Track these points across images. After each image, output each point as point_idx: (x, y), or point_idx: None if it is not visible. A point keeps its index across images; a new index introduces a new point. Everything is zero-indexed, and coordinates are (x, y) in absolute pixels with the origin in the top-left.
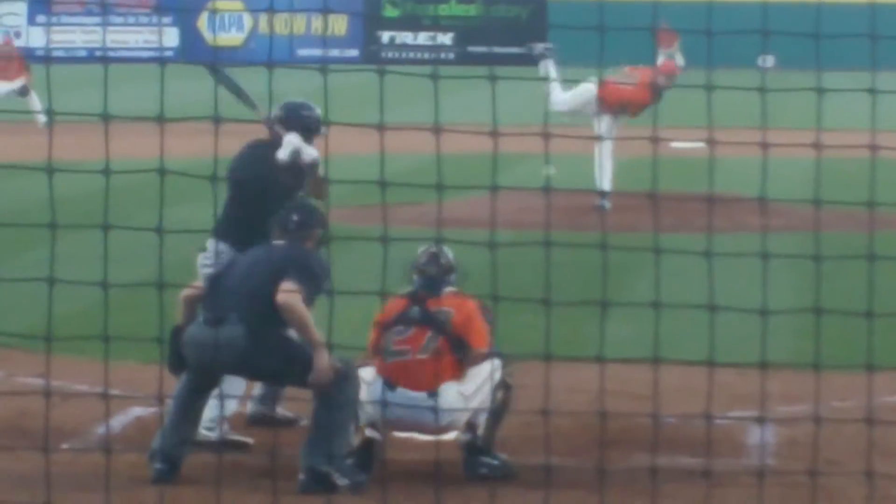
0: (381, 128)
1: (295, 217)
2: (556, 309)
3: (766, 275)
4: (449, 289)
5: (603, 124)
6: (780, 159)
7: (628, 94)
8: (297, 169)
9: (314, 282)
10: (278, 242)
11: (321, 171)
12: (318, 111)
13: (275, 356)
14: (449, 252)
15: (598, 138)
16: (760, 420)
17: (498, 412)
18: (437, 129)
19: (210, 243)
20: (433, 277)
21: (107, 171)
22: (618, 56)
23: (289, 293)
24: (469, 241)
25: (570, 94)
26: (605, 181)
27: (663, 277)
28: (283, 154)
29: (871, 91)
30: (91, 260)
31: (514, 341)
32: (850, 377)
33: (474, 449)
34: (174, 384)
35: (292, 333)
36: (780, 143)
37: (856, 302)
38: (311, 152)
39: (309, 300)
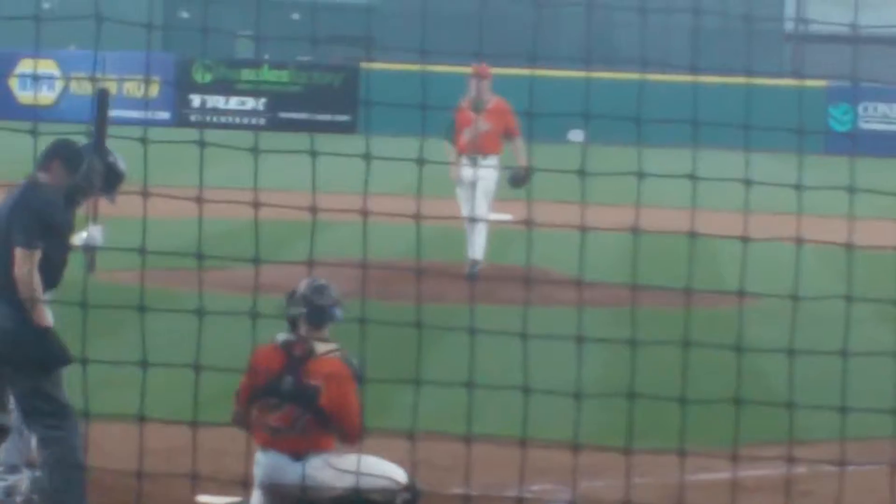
0: (199, 200)
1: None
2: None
3: (580, 350)
4: (329, 347)
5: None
6: (596, 235)
7: None
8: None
9: (36, 224)
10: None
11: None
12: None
13: (34, 346)
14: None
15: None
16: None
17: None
18: (256, 204)
19: None
20: (320, 308)
21: None
22: (437, 127)
23: (17, 258)
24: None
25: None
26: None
27: (475, 349)
28: (78, 240)
29: (692, 177)
30: None
31: None
32: (656, 455)
33: None
34: None
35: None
36: (596, 227)
37: (668, 381)
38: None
39: (31, 247)
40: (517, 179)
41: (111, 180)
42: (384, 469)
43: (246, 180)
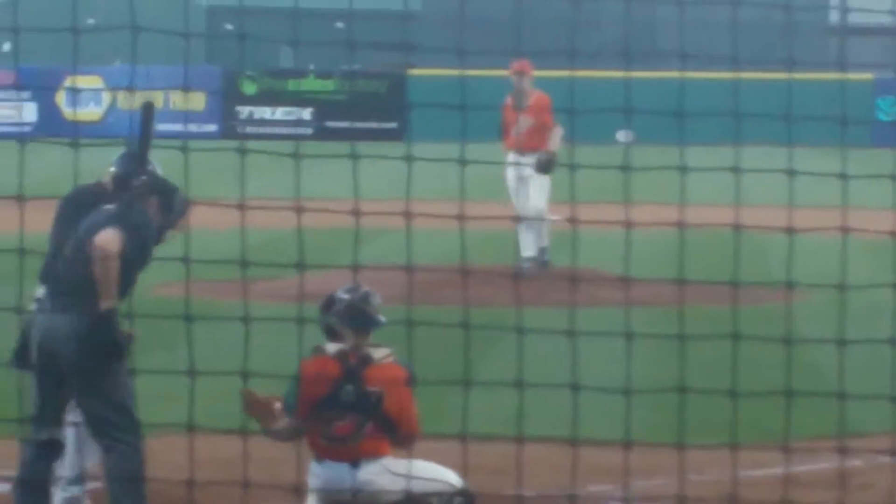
0: (242, 206)
1: (143, 178)
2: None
3: (629, 349)
4: (384, 352)
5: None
6: (641, 233)
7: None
8: None
9: (136, 235)
10: (107, 208)
11: None
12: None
13: (98, 344)
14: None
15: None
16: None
17: None
18: (299, 207)
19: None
20: (368, 315)
21: None
22: (480, 131)
23: (108, 234)
24: None
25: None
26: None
27: (528, 351)
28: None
29: (735, 170)
30: None
31: None
32: (709, 452)
33: None
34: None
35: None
36: (641, 222)
37: (718, 377)
38: None
39: (124, 248)
40: (542, 164)
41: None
42: (439, 473)
43: (292, 190)
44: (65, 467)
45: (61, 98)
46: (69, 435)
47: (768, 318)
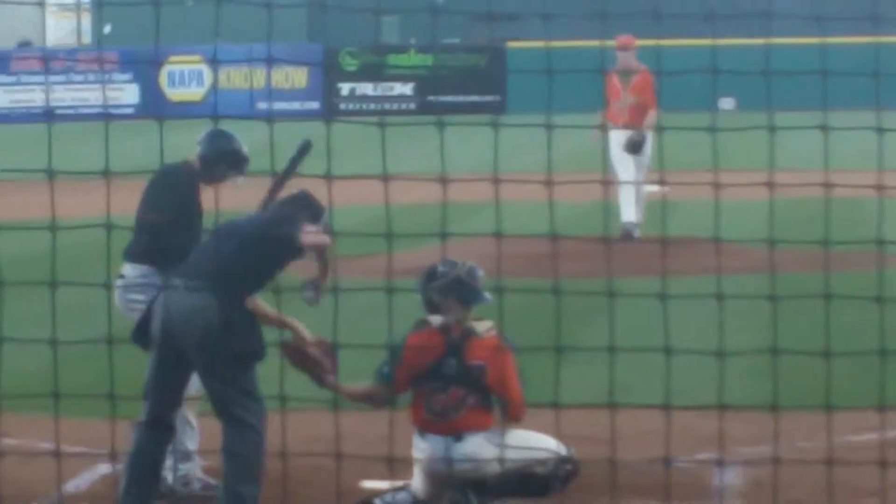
0: (328, 178)
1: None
2: (542, 353)
3: (722, 316)
4: (487, 326)
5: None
6: (735, 200)
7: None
8: None
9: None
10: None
11: None
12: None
13: (240, 330)
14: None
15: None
16: (721, 462)
17: (519, 483)
18: (386, 178)
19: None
20: (475, 289)
21: (52, 228)
22: (579, 101)
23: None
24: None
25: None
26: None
27: (621, 322)
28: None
29: (824, 128)
30: (53, 318)
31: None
32: (815, 417)
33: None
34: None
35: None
36: (732, 184)
37: (816, 342)
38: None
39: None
40: (631, 144)
41: (239, 163)
42: (542, 442)
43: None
44: (179, 444)
45: (163, 79)
46: (185, 413)
47: (863, 283)
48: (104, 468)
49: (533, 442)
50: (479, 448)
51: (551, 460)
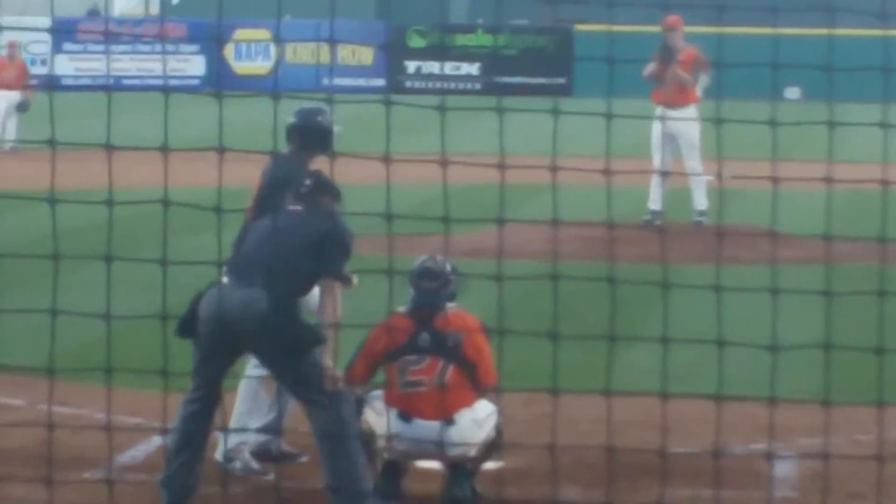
0: (387, 159)
1: (308, 182)
2: (571, 341)
3: (775, 307)
4: (451, 305)
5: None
6: (796, 191)
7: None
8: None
9: (347, 255)
10: (296, 209)
11: None
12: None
13: (290, 330)
14: (448, 262)
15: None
16: (770, 454)
17: (491, 446)
18: (444, 161)
19: None
20: (432, 291)
21: (110, 202)
22: (647, 86)
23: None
24: (483, 273)
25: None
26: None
27: (681, 309)
28: None
29: (883, 125)
30: (117, 288)
31: (527, 373)
32: (873, 410)
33: (462, 470)
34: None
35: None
36: (788, 177)
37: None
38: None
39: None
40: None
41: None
42: (486, 406)
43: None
44: (240, 416)
45: (230, 51)
46: (257, 389)
47: None
48: (160, 440)
49: (490, 408)
50: (466, 430)
51: (496, 420)
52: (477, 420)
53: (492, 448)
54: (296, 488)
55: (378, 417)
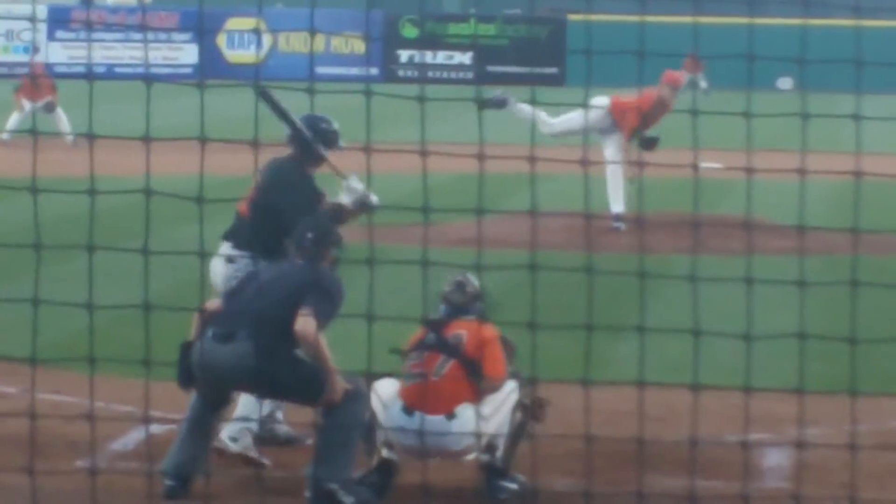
0: (368, 149)
1: (310, 235)
2: (578, 331)
3: (750, 299)
4: (470, 317)
5: (610, 146)
6: (810, 182)
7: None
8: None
9: (331, 306)
10: (295, 261)
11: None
12: (336, 125)
13: (285, 375)
14: (475, 280)
15: (605, 161)
16: (765, 443)
17: (516, 434)
18: (423, 151)
19: (225, 248)
20: (458, 305)
21: (92, 192)
22: (639, 78)
23: (305, 319)
24: (484, 264)
25: (563, 118)
26: (617, 203)
27: (680, 300)
28: (347, 199)
29: (855, 117)
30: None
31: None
32: (874, 400)
33: (494, 471)
34: (187, 400)
35: (302, 353)
36: (765, 168)
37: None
38: (374, 198)
39: (324, 324)
40: (644, 142)
41: (331, 138)
42: (506, 389)
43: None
44: (239, 403)
45: (222, 40)
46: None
47: None
48: (153, 428)
49: (498, 401)
50: (469, 425)
51: (519, 399)
52: (481, 414)
53: (518, 435)
54: (282, 477)
55: (384, 410)
